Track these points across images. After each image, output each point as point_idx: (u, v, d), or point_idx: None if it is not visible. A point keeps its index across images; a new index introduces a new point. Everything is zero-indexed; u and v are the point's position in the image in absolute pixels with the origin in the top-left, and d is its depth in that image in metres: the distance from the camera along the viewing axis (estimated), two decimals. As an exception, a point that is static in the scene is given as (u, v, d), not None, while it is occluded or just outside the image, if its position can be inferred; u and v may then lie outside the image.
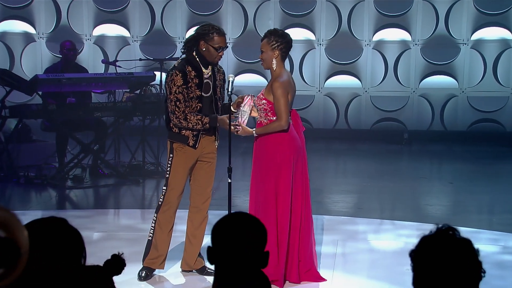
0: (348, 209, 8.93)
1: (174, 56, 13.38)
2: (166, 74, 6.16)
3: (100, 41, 14.28)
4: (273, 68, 5.95)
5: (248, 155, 6.20)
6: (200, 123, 5.99)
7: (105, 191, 9.97)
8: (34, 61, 14.22)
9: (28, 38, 14.29)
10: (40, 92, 10.28)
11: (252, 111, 6.08)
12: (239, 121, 5.99)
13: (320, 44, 14.13)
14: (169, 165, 6.17)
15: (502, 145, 13.37)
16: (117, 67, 11.22)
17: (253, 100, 6.04)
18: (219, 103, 6.20)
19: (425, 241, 2.53)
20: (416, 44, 14.01)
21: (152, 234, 6.24)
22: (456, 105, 14.07)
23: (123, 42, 14.27)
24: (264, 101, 5.95)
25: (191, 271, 6.36)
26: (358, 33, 14.07)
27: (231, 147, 5.91)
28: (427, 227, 2.62)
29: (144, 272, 6.24)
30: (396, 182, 10.44)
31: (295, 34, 14.06)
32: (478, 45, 13.97)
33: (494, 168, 11.70)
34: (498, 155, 12.84)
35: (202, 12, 14.15)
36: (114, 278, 2.80)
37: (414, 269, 2.55)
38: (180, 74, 6.02)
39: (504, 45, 14.00)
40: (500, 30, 13.98)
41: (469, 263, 2.50)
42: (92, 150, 10.35)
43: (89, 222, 8.02)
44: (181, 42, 14.12)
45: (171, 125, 6.13)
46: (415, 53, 14.01)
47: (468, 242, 2.53)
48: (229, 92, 5.90)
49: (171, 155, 6.16)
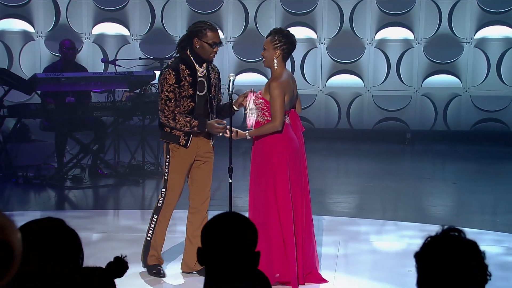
0: (350, 210, 8.93)
1: (174, 55, 13.39)
2: (160, 72, 6.16)
3: (100, 40, 14.28)
4: (274, 67, 5.93)
5: (249, 155, 6.18)
6: (188, 125, 5.96)
7: (105, 192, 9.96)
8: (33, 60, 14.22)
9: (26, 37, 14.29)
10: (39, 92, 10.28)
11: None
12: (248, 122, 5.98)
13: (322, 43, 14.13)
14: (166, 167, 6.16)
15: (506, 145, 13.36)
16: (116, 66, 11.22)
17: (255, 94, 6.02)
18: (213, 102, 6.18)
19: (431, 242, 2.52)
20: (419, 43, 14.00)
21: (152, 235, 6.24)
22: (460, 105, 14.06)
23: (122, 41, 14.26)
24: (261, 100, 5.93)
25: (191, 272, 6.36)
26: (360, 32, 14.06)
27: (232, 147, 5.90)
28: (430, 228, 2.62)
29: (156, 269, 6.24)
30: (398, 182, 10.43)
31: (296, 32, 13.97)
32: (481, 44, 13.96)
33: (498, 168, 11.69)
34: (502, 155, 12.83)
35: (202, 11, 14.14)
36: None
37: (418, 270, 2.54)
38: (173, 73, 6.02)
39: (508, 44, 13.99)
40: (504, 29, 13.97)
41: (475, 266, 2.49)
42: (92, 150, 10.35)
43: (89, 222, 8.02)
44: (182, 41, 14.12)
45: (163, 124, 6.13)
46: (418, 52, 14.00)
47: (474, 244, 2.52)
48: (229, 92, 5.88)
49: (168, 156, 6.16)
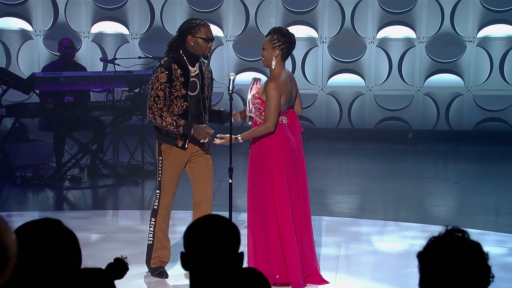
0: (351, 210, 8.93)
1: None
2: (152, 71, 6.14)
3: (99, 38, 14.28)
4: (272, 67, 5.92)
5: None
6: (174, 123, 5.94)
7: (104, 192, 9.97)
8: (31, 59, 14.22)
9: (25, 36, 14.29)
10: (37, 91, 10.29)
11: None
12: (247, 109, 5.98)
13: (323, 42, 14.13)
14: (160, 168, 6.18)
15: (509, 145, 13.35)
16: (115, 65, 11.22)
17: (259, 83, 6.02)
18: (206, 102, 6.18)
19: (434, 243, 2.52)
20: (421, 42, 14.00)
21: (153, 238, 6.25)
22: (462, 104, 14.06)
23: (122, 39, 14.26)
24: (258, 100, 5.92)
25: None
26: (362, 31, 14.06)
27: (232, 147, 5.90)
28: (432, 228, 2.62)
29: (159, 271, 6.23)
30: (400, 182, 10.43)
31: (297, 31, 14.04)
32: (484, 43, 13.96)
33: (501, 168, 11.69)
34: (504, 155, 12.83)
35: (202, 9, 14.14)
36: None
37: (421, 270, 2.54)
38: (166, 72, 6.00)
39: (511, 42, 13.98)
40: (507, 28, 13.97)
41: (478, 267, 2.49)
42: (90, 150, 10.35)
43: (87, 223, 8.03)
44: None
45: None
46: (420, 51, 14.00)
47: (477, 245, 2.52)
48: (230, 91, 5.88)
49: (160, 158, 6.16)
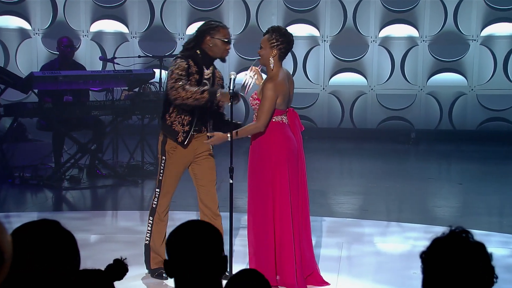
0: (353, 211, 8.93)
1: (174, 53, 13.41)
2: (170, 63, 6.10)
3: (98, 37, 14.29)
4: (270, 66, 5.94)
5: (250, 155, 6.17)
6: (198, 90, 5.88)
7: (103, 192, 9.97)
8: (30, 58, 14.23)
9: (23, 34, 14.29)
10: (36, 90, 10.29)
11: (257, 78, 6.06)
12: (243, 85, 6.00)
13: (325, 41, 14.13)
14: (162, 168, 6.20)
15: (512, 145, 13.37)
16: (115, 64, 11.22)
17: (260, 68, 6.04)
18: (213, 106, 6.16)
19: (437, 243, 2.52)
20: (424, 41, 14.00)
21: (149, 237, 6.26)
22: (465, 104, 14.06)
23: (121, 38, 14.27)
24: (257, 101, 5.95)
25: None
26: (364, 29, 14.06)
27: (233, 147, 5.90)
28: (435, 229, 2.62)
29: (159, 272, 6.22)
30: (403, 183, 10.43)
31: (298, 30, 14.08)
32: (488, 41, 13.96)
33: (505, 169, 11.69)
34: (508, 155, 12.83)
35: (202, 8, 14.15)
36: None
37: (424, 271, 2.54)
38: (185, 63, 6.00)
39: (515, 41, 14.00)
40: (511, 26, 13.97)
41: (482, 268, 2.49)
42: (90, 150, 10.35)
43: (86, 224, 8.03)
44: (181, 38, 14.13)
45: (166, 116, 6.11)
46: (423, 50, 14.00)
47: (481, 246, 2.52)
48: (230, 90, 5.87)
49: (164, 157, 6.18)
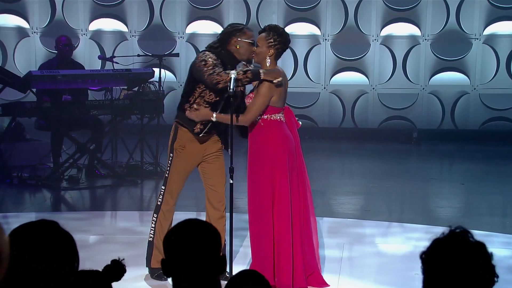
0: (354, 211, 8.93)
1: (173, 52, 13.41)
2: (197, 57, 6.06)
3: (97, 36, 14.29)
4: (266, 66, 5.97)
5: (250, 155, 6.17)
6: (241, 71, 5.87)
7: (102, 193, 9.97)
8: (28, 57, 14.24)
9: (21, 33, 14.30)
10: (34, 89, 10.30)
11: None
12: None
13: (326, 39, 14.13)
14: (169, 165, 6.22)
15: (515, 145, 13.37)
16: (114, 63, 11.22)
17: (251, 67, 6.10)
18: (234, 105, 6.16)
19: (437, 243, 2.53)
20: (426, 39, 14.01)
21: (153, 235, 6.26)
22: (468, 103, 14.06)
23: (120, 37, 14.27)
24: None
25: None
26: (365, 28, 14.06)
27: (233, 147, 5.91)
28: (437, 230, 2.62)
29: (158, 273, 6.22)
30: (404, 183, 10.43)
31: (299, 28, 14.10)
32: (490, 40, 13.96)
33: (507, 169, 11.69)
34: (511, 155, 12.83)
35: (202, 6, 14.16)
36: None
37: (424, 272, 2.55)
38: (214, 55, 5.99)
39: (518, 40, 14.00)
40: (514, 25, 13.99)
41: (482, 267, 2.50)
42: (88, 150, 10.36)
43: (85, 224, 8.03)
44: (181, 37, 14.14)
45: (186, 106, 6.08)
46: (425, 49, 14.01)
47: (481, 245, 2.53)
48: (231, 90, 5.88)
49: (171, 154, 6.19)
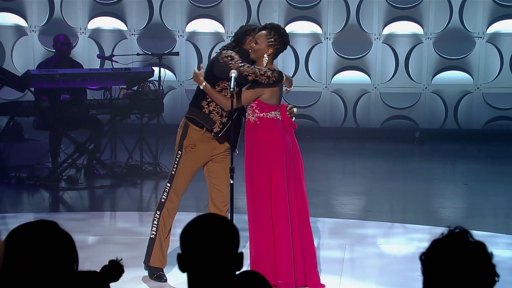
0: (356, 212, 8.94)
1: (173, 51, 13.42)
2: (217, 54, 6.08)
3: (96, 34, 14.30)
4: (263, 63, 5.99)
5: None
6: (269, 70, 5.89)
7: (101, 193, 9.98)
8: (26, 56, 14.24)
9: (19, 32, 14.31)
10: (32, 89, 10.30)
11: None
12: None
13: (327, 38, 14.14)
14: (176, 163, 6.19)
15: (519, 145, 13.37)
16: (113, 62, 11.23)
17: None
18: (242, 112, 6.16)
19: (437, 244, 2.54)
20: (428, 38, 14.01)
21: (156, 232, 6.24)
22: (471, 102, 14.07)
23: (119, 36, 14.28)
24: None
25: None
26: (367, 26, 14.07)
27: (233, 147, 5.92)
28: (440, 230, 2.62)
29: (158, 274, 6.22)
30: (407, 183, 10.44)
31: (300, 27, 14.11)
32: (494, 39, 13.96)
33: (511, 169, 11.69)
34: (515, 155, 12.84)
35: (202, 4, 14.16)
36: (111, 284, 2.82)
37: (424, 273, 2.55)
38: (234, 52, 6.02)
39: (522, 39, 14.00)
40: (517, 23, 13.99)
41: (482, 267, 2.50)
42: (87, 150, 10.36)
43: (84, 225, 8.04)
44: (181, 36, 14.15)
45: (203, 104, 6.08)
46: (428, 48, 14.01)
47: (481, 245, 2.53)
48: (231, 89, 5.89)
49: (180, 152, 6.16)
